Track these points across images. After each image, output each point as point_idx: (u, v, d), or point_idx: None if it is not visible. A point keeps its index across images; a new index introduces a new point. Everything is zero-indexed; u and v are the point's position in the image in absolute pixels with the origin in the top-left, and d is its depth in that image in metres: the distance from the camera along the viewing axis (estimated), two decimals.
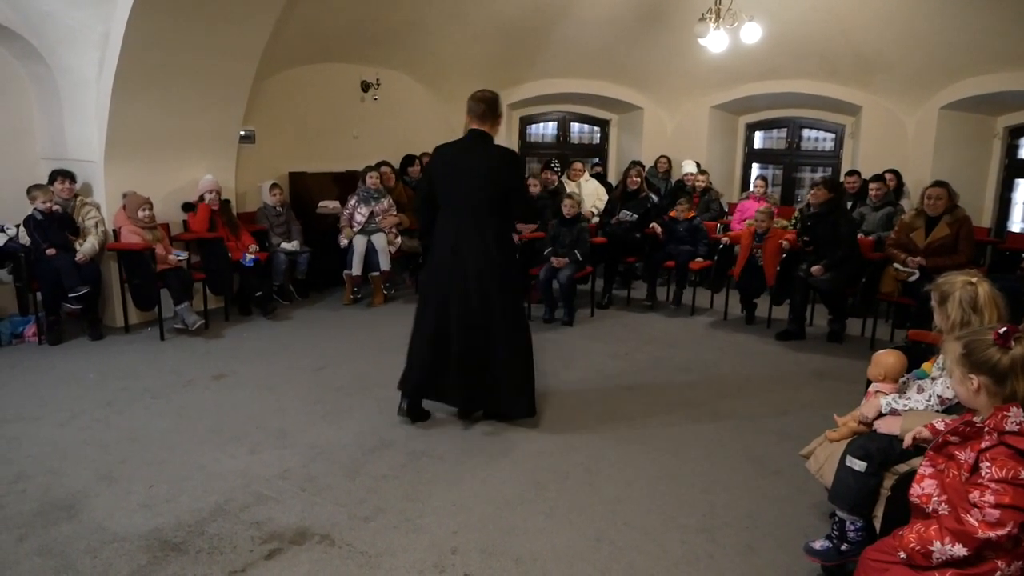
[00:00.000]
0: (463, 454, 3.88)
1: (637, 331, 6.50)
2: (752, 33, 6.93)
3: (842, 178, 8.41)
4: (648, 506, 3.37)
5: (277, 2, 6.05)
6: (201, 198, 6.39)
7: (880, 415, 2.62)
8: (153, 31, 5.44)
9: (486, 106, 3.97)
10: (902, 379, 2.83)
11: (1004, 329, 1.95)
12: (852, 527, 2.61)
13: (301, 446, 3.93)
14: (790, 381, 5.25)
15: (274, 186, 7.05)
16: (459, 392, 4.14)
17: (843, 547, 2.63)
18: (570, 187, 8.17)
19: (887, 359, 2.83)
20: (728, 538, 3.10)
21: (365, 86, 8.49)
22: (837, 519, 2.68)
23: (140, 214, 5.82)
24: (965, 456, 1.98)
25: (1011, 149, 8.35)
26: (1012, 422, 1.91)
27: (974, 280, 2.54)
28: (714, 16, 6.98)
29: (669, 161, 9.40)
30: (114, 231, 5.89)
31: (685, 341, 6.22)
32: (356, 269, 7.02)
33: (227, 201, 6.63)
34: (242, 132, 7.01)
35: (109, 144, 5.79)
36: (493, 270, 3.98)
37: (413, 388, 4.21)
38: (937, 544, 1.92)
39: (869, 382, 3.00)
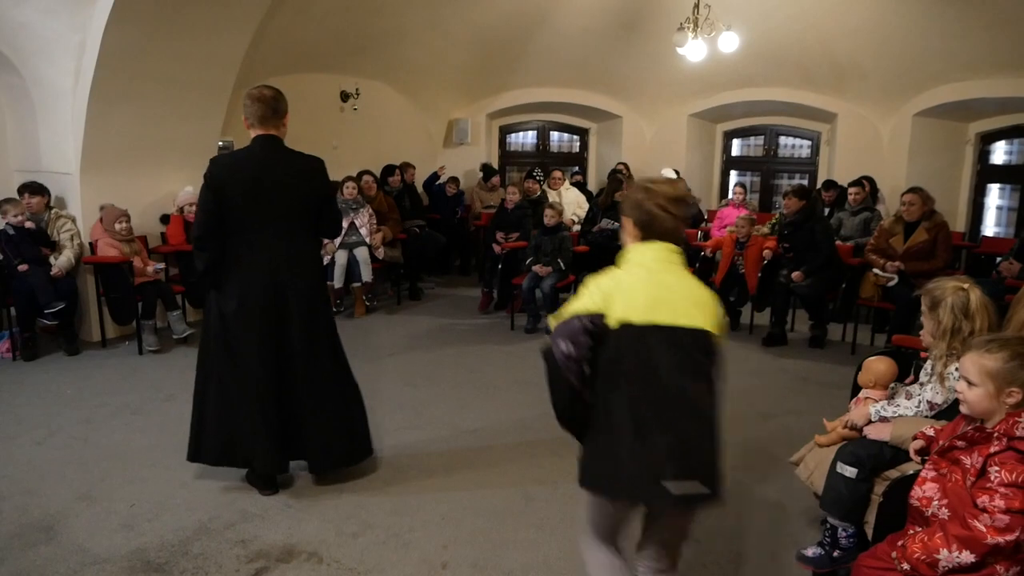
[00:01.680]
0: (451, 467, 3.85)
1: None
2: (729, 42, 7.00)
3: (818, 185, 8.55)
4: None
5: (256, 12, 6.01)
6: (181, 210, 6.30)
7: (869, 423, 2.63)
8: (130, 41, 5.37)
9: (265, 105, 3.27)
10: (891, 386, 2.85)
11: None
12: (844, 533, 2.62)
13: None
14: (774, 387, 5.28)
15: None
16: (322, 451, 3.53)
17: (835, 554, 2.64)
18: (551, 196, 8.18)
19: (878, 366, 2.84)
20: (718, 546, 3.10)
21: (344, 96, 8.45)
22: (829, 526, 2.69)
23: (117, 226, 5.73)
24: (972, 460, 1.97)
25: (983, 155, 8.49)
26: (1023, 427, 1.91)
27: (965, 286, 2.56)
28: (692, 25, 7.04)
29: (627, 168, 9.42)
30: (91, 244, 5.79)
31: None
32: (338, 281, 6.96)
33: None
34: (221, 143, 6.93)
35: (85, 156, 5.70)
36: (315, 293, 3.44)
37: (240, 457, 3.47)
38: (944, 552, 1.90)
39: (858, 387, 3.01)
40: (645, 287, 1.96)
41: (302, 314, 3.36)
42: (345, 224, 7.02)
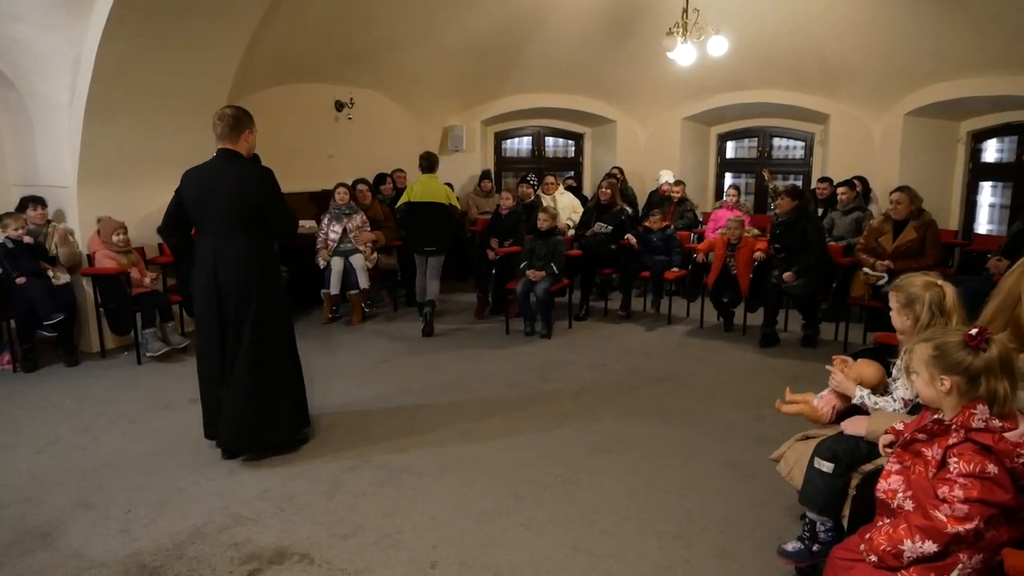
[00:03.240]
0: (442, 469, 3.90)
1: (615, 341, 6.55)
2: (719, 46, 7.05)
3: (813, 185, 8.60)
4: (625, 513, 3.41)
5: (248, 24, 6.08)
6: None
7: (844, 417, 2.67)
8: (124, 55, 5.45)
9: (224, 124, 3.80)
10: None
11: (976, 331, 2.00)
12: (822, 527, 2.66)
13: (279, 466, 3.93)
14: (765, 386, 5.31)
15: None
16: (230, 429, 3.90)
17: (814, 548, 2.68)
18: (545, 201, 8.24)
19: (865, 369, 2.81)
20: (704, 543, 3.15)
21: (339, 105, 8.53)
22: (808, 520, 2.74)
23: (114, 238, 5.80)
24: (932, 453, 2.03)
25: (974, 153, 8.54)
26: (979, 419, 1.96)
27: (940, 282, 2.60)
28: (681, 30, 7.09)
29: (622, 172, 9.49)
30: (88, 256, 5.86)
31: (662, 350, 6.29)
32: (334, 288, 7.02)
33: None
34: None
35: (82, 169, 5.78)
36: (251, 288, 3.82)
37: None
38: (908, 543, 1.95)
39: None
40: None
41: (235, 306, 3.82)
42: (339, 230, 7.10)
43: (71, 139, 5.70)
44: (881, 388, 2.77)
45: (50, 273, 5.60)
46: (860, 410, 2.70)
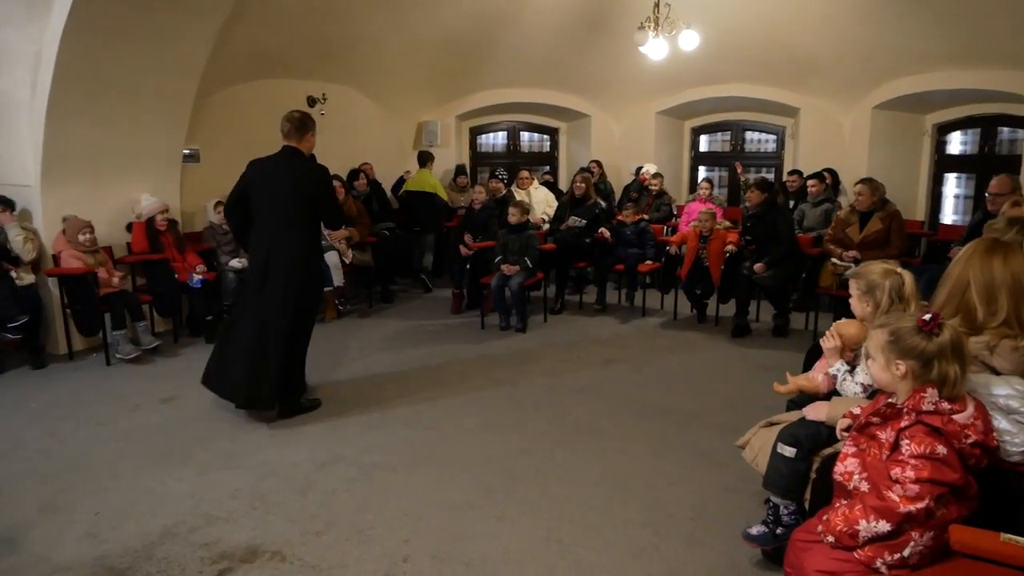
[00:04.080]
0: (415, 464, 3.91)
1: (589, 334, 6.59)
2: (690, 40, 7.09)
3: (785, 178, 8.70)
4: (596, 503, 3.44)
5: (215, 19, 6.02)
6: (151, 220, 6.30)
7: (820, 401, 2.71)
8: (87, 50, 5.37)
9: (291, 125, 4.45)
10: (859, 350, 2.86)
11: (929, 316, 2.05)
12: (786, 511, 2.71)
13: (252, 465, 3.91)
14: (736, 376, 5.39)
15: (218, 204, 6.98)
16: (248, 386, 4.45)
17: (778, 531, 2.73)
18: (520, 195, 8.26)
19: (848, 328, 2.83)
20: (673, 530, 3.19)
21: (311, 101, 8.46)
22: (772, 504, 2.78)
23: (81, 238, 5.72)
24: (886, 435, 2.08)
25: (940, 145, 8.67)
26: (928, 402, 2.02)
27: (899, 270, 2.66)
28: (653, 24, 7.13)
29: (600, 165, 9.54)
30: (54, 256, 5.78)
31: (636, 342, 6.33)
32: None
33: (174, 221, 6.57)
34: (186, 151, 6.94)
35: (45, 167, 5.68)
36: (297, 268, 4.42)
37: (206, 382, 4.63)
38: (863, 523, 2.01)
39: (810, 362, 3.11)
40: None
41: (282, 282, 4.37)
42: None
43: (33, 137, 5.59)
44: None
45: (13, 274, 5.51)
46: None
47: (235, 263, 6.83)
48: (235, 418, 4.58)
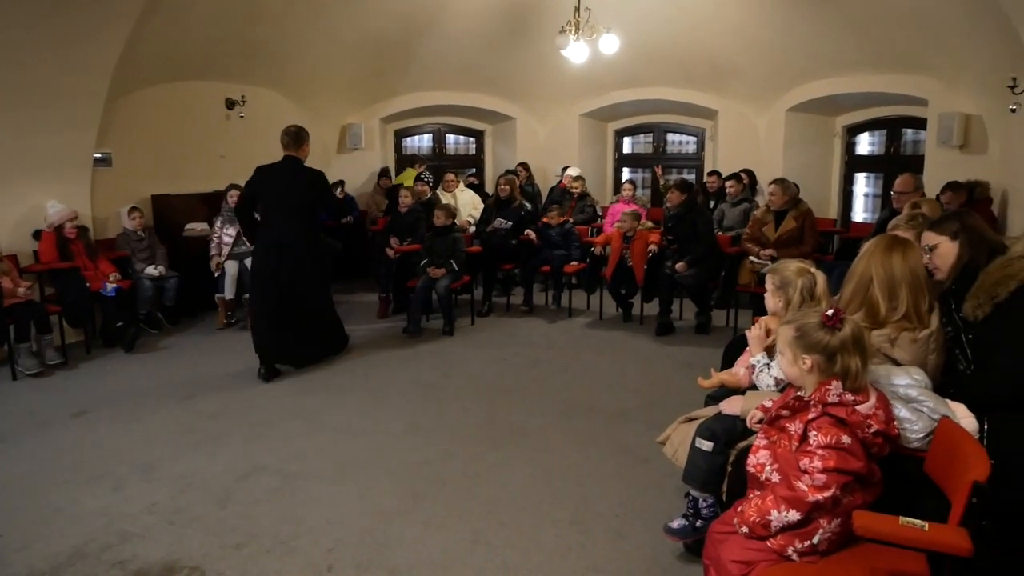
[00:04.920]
0: (340, 472, 3.85)
1: (516, 336, 6.62)
2: (610, 44, 7.20)
3: (705, 178, 8.95)
4: (523, 504, 3.46)
5: (127, 19, 5.81)
6: (60, 227, 6.02)
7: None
8: None
9: (289, 138, 5.41)
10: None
11: (832, 312, 2.14)
12: (704, 504, 2.78)
13: (169, 478, 3.78)
14: (660, 373, 5.50)
15: (133, 209, 6.75)
16: (294, 350, 5.55)
17: (698, 523, 2.80)
18: (446, 198, 8.24)
19: (772, 321, 2.83)
20: (599, 527, 3.24)
21: (230, 104, 8.25)
22: (691, 498, 2.86)
23: None
24: (795, 427, 2.16)
25: (849, 146, 9.07)
26: (833, 394, 2.11)
27: (812, 270, 2.78)
28: (573, 28, 7.21)
29: (527, 168, 9.63)
30: None
31: (563, 342, 6.40)
32: (229, 293, 6.81)
33: (84, 228, 6.29)
34: (97, 154, 6.66)
35: None
36: (304, 253, 5.42)
37: (259, 352, 5.40)
38: (775, 513, 2.09)
39: (729, 358, 3.20)
40: None
41: (290, 267, 5.33)
42: (233, 233, 6.87)
43: None
44: None
45: None
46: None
47: (150, 270, 6.62)
48: (151, 430, 4.43)
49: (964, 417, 2.31)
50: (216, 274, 6.84)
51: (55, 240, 5.94)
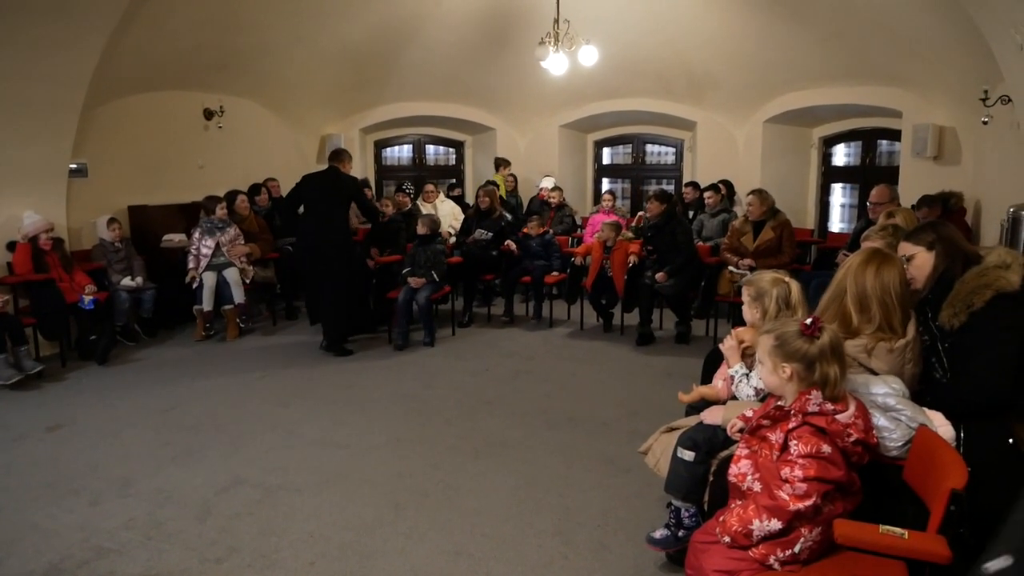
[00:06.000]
0: (321, 484, 3.82)
1: (497, 346, 6.62)
2: (589, 56, 7.25)
3: (683, 190, 9.02)
4: (506, 515, 3.45)
5: (103, 29, 5.76)
6: (35, 239, 5.94)
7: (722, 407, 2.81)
8: None
9: (334, 153, 6.41)
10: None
11: (810, 321, 2.17)
12: (686, 513, 2.79)
13: (147, 492, 3.73)
14: (641, 383, 5.53)
15: (112, 220, 6.68)
16: (335, 329, 6.39)
17: (680, 533, 2.81)
18: (427, 209, 8.23)
19: (745, 333, 2.92)
20: (582, 538, 3.24)
21: (208, 114, 8.20)
22: (673, 507, 2.87)
23: None
24: (776, 437, 2.18)
25: (826, 157, 9.21)
26: (813, 404, 2.13)
27: (787, 279, 2.81)
28: (553, 40, 7.26)
29: (515, 178, 9.68)
30: None
31: (544, 353, 6.41)
32: (207, 304, 6.75)
33: (60, 239, 6.21)
34: (73, 165, 6.59)
35: None
36: (340, 246, 6.25)
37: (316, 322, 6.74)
38: (756, 523, 2.10)
39: (708, 371, 3.22)
40: None
41: (328, 256, 6.17)
42: (211, 244, 6.82)
43: None
44: None
45: None
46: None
47: (127, 281, 6.54)
48: (129, 444, 4.37)
49: (941, 425, 2.35)
50: (193, 286, 6.77)
51: (30, 252, 5.86)
